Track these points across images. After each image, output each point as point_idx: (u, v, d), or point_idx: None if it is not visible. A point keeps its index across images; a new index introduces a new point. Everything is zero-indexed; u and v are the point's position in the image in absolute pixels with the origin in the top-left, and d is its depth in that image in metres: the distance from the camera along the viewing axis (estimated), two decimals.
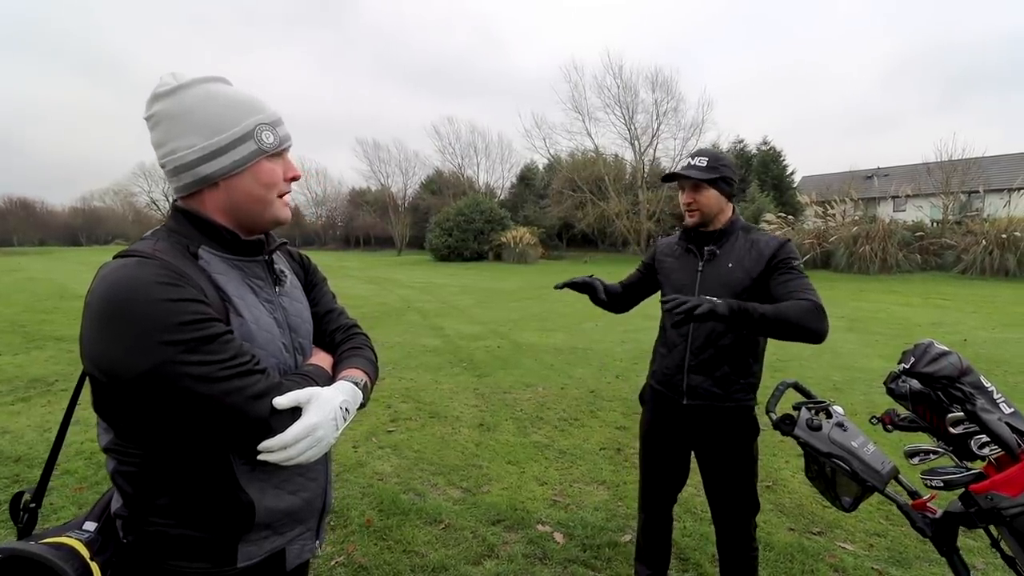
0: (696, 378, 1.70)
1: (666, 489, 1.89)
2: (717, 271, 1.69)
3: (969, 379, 1.19)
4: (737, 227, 1.73)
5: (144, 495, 0.81)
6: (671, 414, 1.79)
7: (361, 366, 0.99)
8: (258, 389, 0.77)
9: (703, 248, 1.74)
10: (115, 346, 0.72)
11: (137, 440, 0.80)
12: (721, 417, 1.71)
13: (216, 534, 0.83)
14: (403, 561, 2.24)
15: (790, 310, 1.46)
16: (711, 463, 1.77)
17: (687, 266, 1.77)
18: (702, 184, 1.67)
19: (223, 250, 0.89)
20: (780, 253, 1.62)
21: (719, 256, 1.71)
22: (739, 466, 1.73)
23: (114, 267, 0.77)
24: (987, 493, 1.10)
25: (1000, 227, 15.70)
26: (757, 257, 1.64)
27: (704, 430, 1.74)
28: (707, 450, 1.77)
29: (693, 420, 1.74)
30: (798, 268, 1.60)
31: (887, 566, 2.25)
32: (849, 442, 1.29)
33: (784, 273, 1.58)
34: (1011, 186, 18.86)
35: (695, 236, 1.77)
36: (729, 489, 1.75)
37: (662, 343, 1.83)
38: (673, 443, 1.82)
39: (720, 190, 1.68)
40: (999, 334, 7.47)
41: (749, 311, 1.43)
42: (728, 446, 1.73)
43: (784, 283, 1.56)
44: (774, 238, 1.68)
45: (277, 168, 0.92)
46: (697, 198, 1.69)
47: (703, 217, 1.70)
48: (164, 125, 0.85)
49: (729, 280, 1.66)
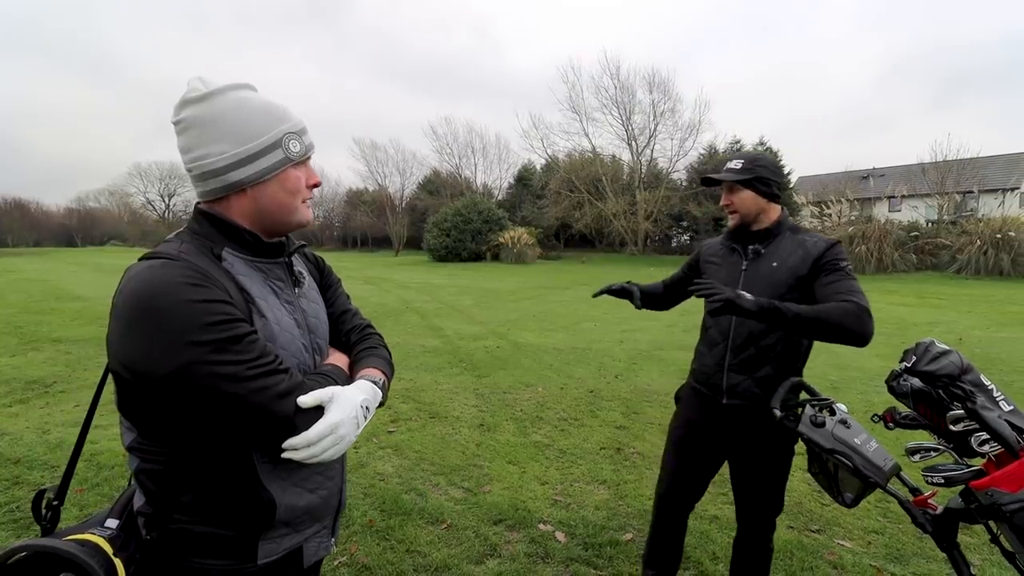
0: (736, 377, 1.67)
1: (690, 492, 1.85)
2: (761, 270, 1.68)
3: (969, 377, 1.21)
4: (784, 227, 1.72)
5: (168, 493, 0.82)
6: (709, 414, 1.75)
7: (378, 365, 1.00)
8: (283, 388, 0.78)
9: (748, 247, 1.73)
10: (144, 346, 0.73)
11: (161, 439, 0.81)
12: (761, 417, 1.64)
13: (239, 531, 0.84)
14: (406, 561, 2.24)
15: (831, 312, 1.44)
16: (745, 464, 1.74)
17: (731, 265, 1.76)
18: (736, 185, 1.68)
19: (246, 252, 0.90)
20: (828, 255, 1.59)
21: (764, 255, 1.69)
22: (775, 468, 1.70)
23: (142, 268, 0.78)
24: (987, 489, 1.12)
25: (994, 227, 15.82)
26: (803, 257, 1.62)
27: (743, 430, 1.70)
28: (743, 451, 1.74)
29: (732, 421, 1.70)
30: (846, 270, 1.57)
31: (885, 563, 2.27)
32: (852, 439, 1.30)
33: (830, 274, 1.56)
34: (1005, 186, 19.04)
35: (741, 235, 1.76)
36: (761, 490, 1.73)
37: (703, 342, 1.81)
38: (708, 445, 1.79)
39: (756, 190, 1.67)
40: (994, 333, 7.53)
41: (781, 310, 1.42)
42: (766, 448, 1.69)
43: (829, 284, 1.54)
44: (823, 239, 1.65)
45: (301, 175, 0.93)
46: (733, 199, 1.70)
47: (742, 218, 1.71)
48: (193, 131, 0.86)
49: (773, 279, 1.64)
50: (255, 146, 0.87)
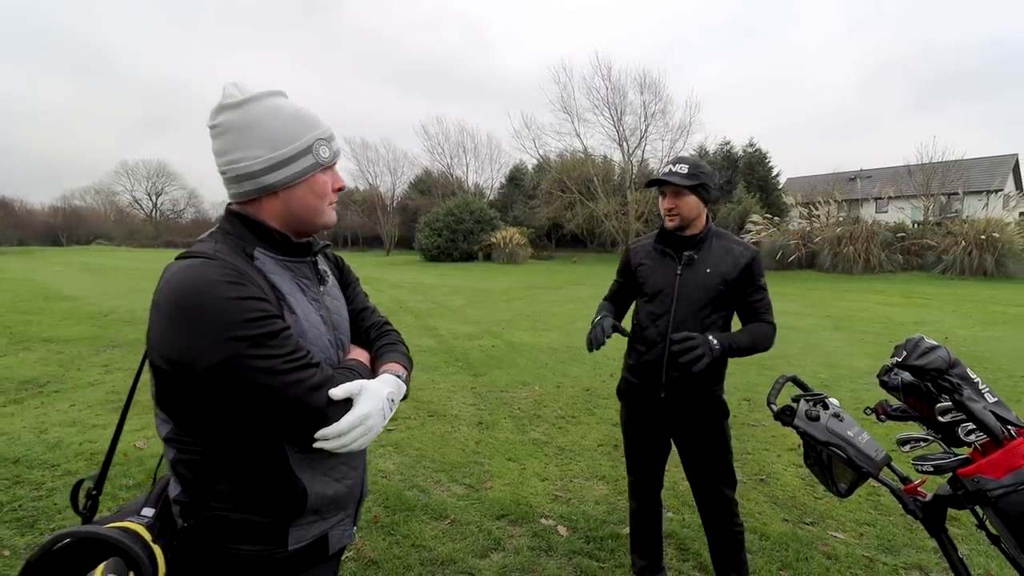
0: (673, 374, 1.82)
1: (651, 475, 2.02)
2: (695, 276, 1.81)
3: (957, 371, 1.28)
4: (711, 233, 1.85)
5: (204, 482, 0.86)
6: (650, 407, 1.92)
7: (400, 360, 1.06)
8: (316, 381, 0.82)
9: (682, 253, 1.84)
10: (187, 340, 0.77)
11: (197, 430, 0.85)
12: (696, 405, 1.87)
13: (273, 518, 0.88)
14: (412, 555, 2.28)
15: (760, 338, 1.80)
16: (689, 445, 1.92)
17: (665, 270, 1.86)
18: (683, 190, 1.76)
19: (276, 252, 0.94)
20: (753, 267, 1.82)
21: (697, 261, 1.82)
22: (715, 445, 1.88)
23: (181, 267, 0.82)
24: (973, 476, 1.18)
25: (979, 228, 16.14)
26: (733, 264, 1.81)
27: (681, 417, 1.89)
28: (684, 434, 1.92)
29: (670, 410, 1.89)
30: (764, 286, 1.85)
31: (877, 553, 2.35)
32: (845, 431, 1.37)
33: (755, 291, 1.83)
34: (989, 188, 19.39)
35: (672, 240, 1.86)
36: (707, 466, 1.90)
37: (639, 341, 1.92)
38: (653, 432, 1.97)
39: (700, 196, 1.78)
40: (978, 332, 7.71)
41: (734, 348, 1.75)
42: (704, 429, 1.88)
43: (755, 303, 1.83)
44: (747, 248, 1.84)
45: (328, 179, 0.98)
46: (678, 203, 1.78)
47: (683, 221, 1.80)
48: (230, 135, 0.90)
49: (706, 284, 1.80)
50: (288, 151, 0.91)
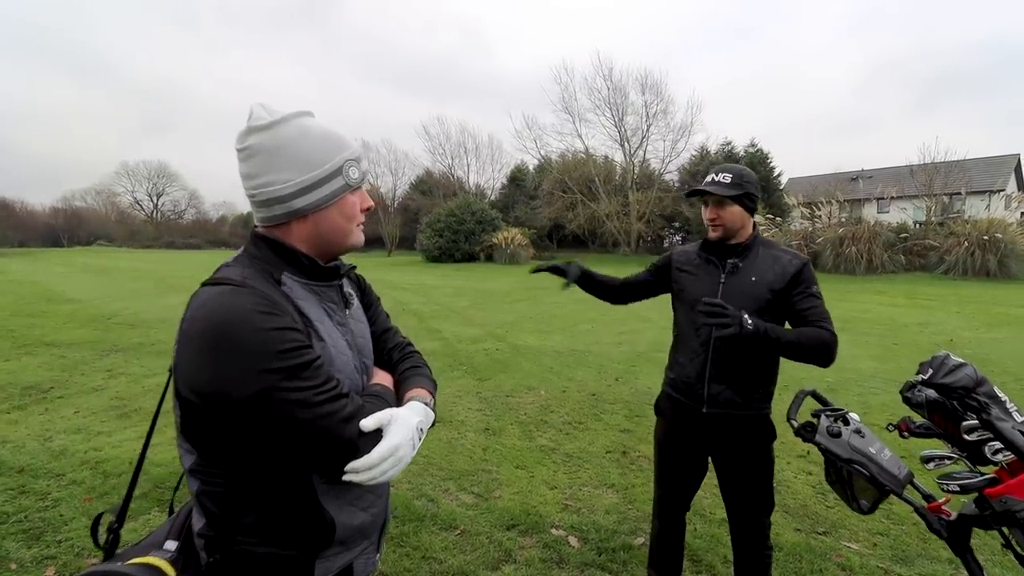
0: (717, 387, 1.74)
1: (683, 496, 1.94)
2: (740, 284, 1.74)
3: (984, 389, 1.26)
4: (758, 242, 1.79)
5: (230, 515, 0.84)
6: (690, 422, 1.83)
7: (426, 386, 1.03)
8: (347, 412, 0.80)
9: (726, 261, 1.78)
10: (220, 372, 0.75)
11: (223, 462, 0.83)
12: (740, 424, 1.76)
13: (299, 551, 0.86)
14: (423, 567, 2.27)
15: (811, 338, 1.60)
16: (729, 466, 1.82)
17: (708, 277, 1.81)
18: (726, 200, 1.71)
19: (303, 276, 0.92)
20: (803, 275, 1.72)
21: (742, 269, 1.76)
22: (757, 468, 1.79)
23: (211, 295, 0.80)
24: (1001, 497, 1.16)
25: (981, 228, 16.10)
26: (780, 273, 1.72)
27: (723, 436, 1.79)
28: (725, 454, 1.82)
29: (712, 427, 1.79)
30: (817, 294, 1.71)
31: (891, 564, 2.33)
32: (867, 448, 1.35)
33: (806, 298, 1.69)
34: (991, 188, 19.35)
35: (717, 248, 1.81)
36: (747, 490, 1.81)
37: (681, 352, 1.86)
38: (691, 451, 1.87)
39: (744, 206, 1.73)
40: (983, 334, 7.67)
41: (771, 336, 1.56)
42: (747, 450, 1.78)
43: (805, 311, 1.68)
44: (796, 256, 1.76)
45: (357, 200, 0.96)
46: (721, 213, 1.73)
47: (726, 232, 1.75)
48: (259, 159, 0.88)
49: (752, 293, 1.72)
50: (319, 174, 0.89)
